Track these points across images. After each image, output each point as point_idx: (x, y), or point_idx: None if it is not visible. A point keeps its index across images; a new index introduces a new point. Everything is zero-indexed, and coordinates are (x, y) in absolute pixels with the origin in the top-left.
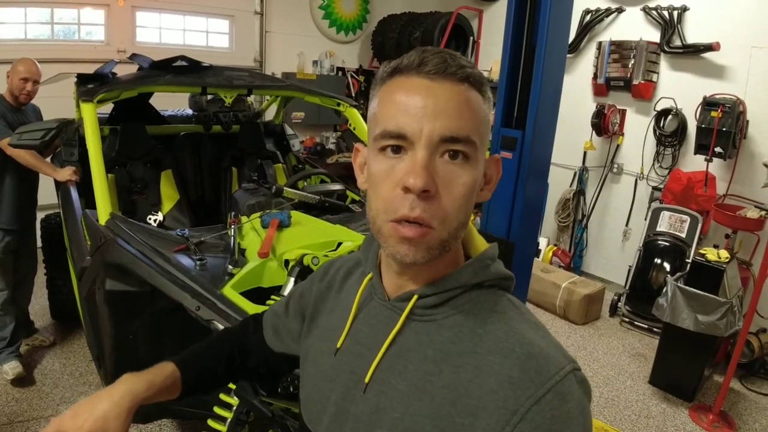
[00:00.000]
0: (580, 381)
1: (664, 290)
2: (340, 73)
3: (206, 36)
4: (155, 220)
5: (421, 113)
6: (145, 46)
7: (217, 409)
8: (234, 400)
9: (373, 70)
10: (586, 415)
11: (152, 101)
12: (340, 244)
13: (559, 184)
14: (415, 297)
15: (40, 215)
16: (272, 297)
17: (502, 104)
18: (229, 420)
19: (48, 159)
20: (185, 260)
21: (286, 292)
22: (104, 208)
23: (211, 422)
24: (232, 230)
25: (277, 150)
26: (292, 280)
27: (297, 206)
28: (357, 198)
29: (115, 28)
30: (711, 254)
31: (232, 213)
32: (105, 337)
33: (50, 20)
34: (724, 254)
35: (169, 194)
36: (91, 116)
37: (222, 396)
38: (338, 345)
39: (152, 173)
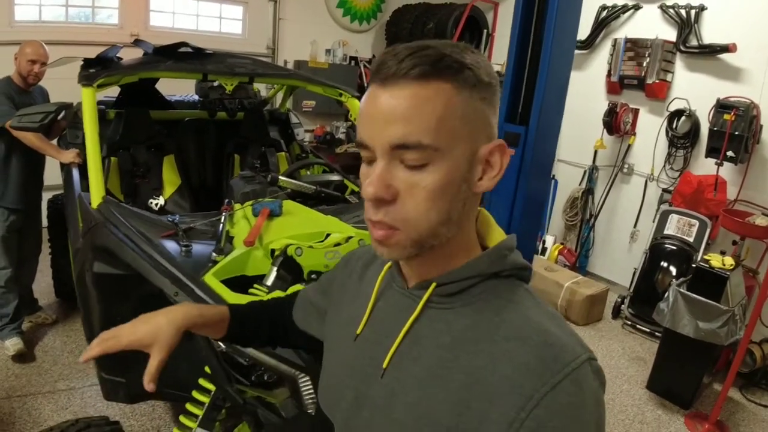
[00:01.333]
0: (596, 370)
1: (666, 295)
2: (352, 63)
3: (219, 22)
4: (156, 204)
5: (373, 123)
6: (158, 31)
7: (195, 394)
8: (213, 386)
9: None
10: (600, 404)
11: (161, 86)
12: (329, 235)
13: (568, 182)
14: (434, 285)
15: (47, 196)
16: (255, 286)
17: (507, 100)
18: (206, 404)
19: (54, 141)
20: (172, 246)
21: (269, 281)
22: (97, 191)
23: (189, 406)
24: (222, 217)
25: (282, 138)
26: (275, 269)
27: (293, 196)
28: (356, 189)
29: (128, 12)
30: (715, 260)
31: (226, 200)
32: (94, 319)
33: (65, 2)
34: (729, 261)
35: (171, 179)
36: (89, 100)
37: (201, 381)
38: (358, 332)
39: (155, 158)
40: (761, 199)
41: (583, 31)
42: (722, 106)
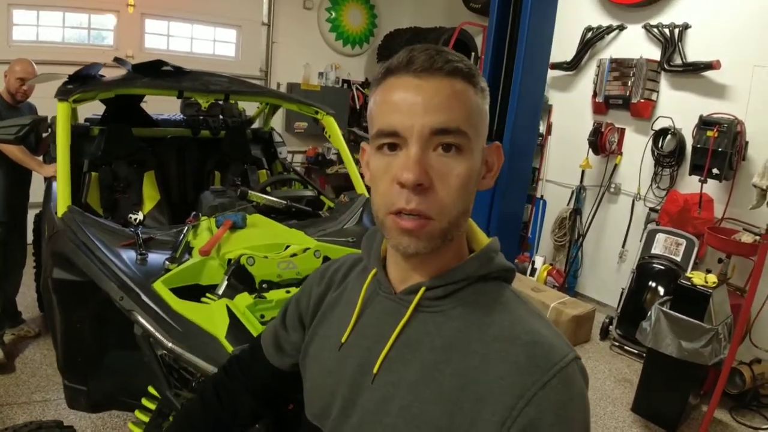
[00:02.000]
0: (581, 369)
1: (649, 314)
2: (345, 86)
3: (213, 45)
4: (135, 219)
5: (411, 110)
6: (153, 53)
7: (144, 401)
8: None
9: None
10: (586, 401)
11: (151, 106)
12: (288, 247)
13: (556, 202)
14: (423, 289)
15: (33, 212)
16: (207, 294)
17: None
18: (153, 411)
19: (41, 157)
20: (129, 254)
21: (220, 290)
22: (63, 201)
23: (138, 413)
24: (185, 229)
25: (264, 156)
26: (226, 278)
27: (265, 210)
28: (332, 205)
29: (124, 34)
30: (697, 278)
31: (193, 213)
32: (56, 324)
33: (62, 24)
34: (712, 278)
35: (150, 194)
36: (63, 114)
37: (150, 389)
38: (342, 340)
39: (136, 173)
40: (748, 216)
41: (569, 53)
42: (705, 123)
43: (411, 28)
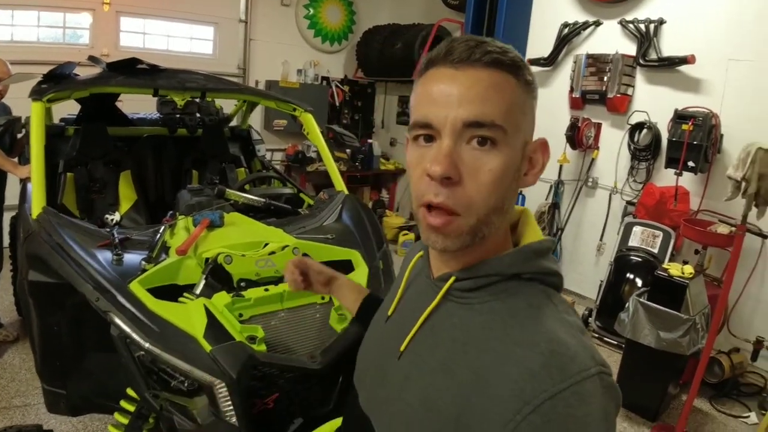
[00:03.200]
0: (607, 386)
1: (627, 305)
2: (324, 83)
3: (190, 42)
4: (112, 220)
5: (445, 101)
6: (128, 51)
7: (123, 403)
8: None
9: (358, 80)
10: (608, 421)
11: (126, 105)
12: (266, 245)
13: (534, 197)
14: (452, 279)
15: (10, 214)
16: (185, 294)
17: None
18: (132, 413)
19: (16, 158)
20: (105, 255)
21: (198, 290)
22: (38, 202)
23: (117, 416)
24: (162, 228)
25: (243, 154)
26: (204, 277)
27: (243, 209)
28: (311, 202)
29: (99, 32)
30: (674, 269)
31: (170, 212)
32: (34, 327)
33: (37, 23)
34: (688, 269)
35: (127, 194)
36: (37, 114)
37: (128, 391)
38: (389, 313)
39: (112, 173)
40: (723, 207)
41: (546, 49)
42: (680, 117)
43: (389, 25)
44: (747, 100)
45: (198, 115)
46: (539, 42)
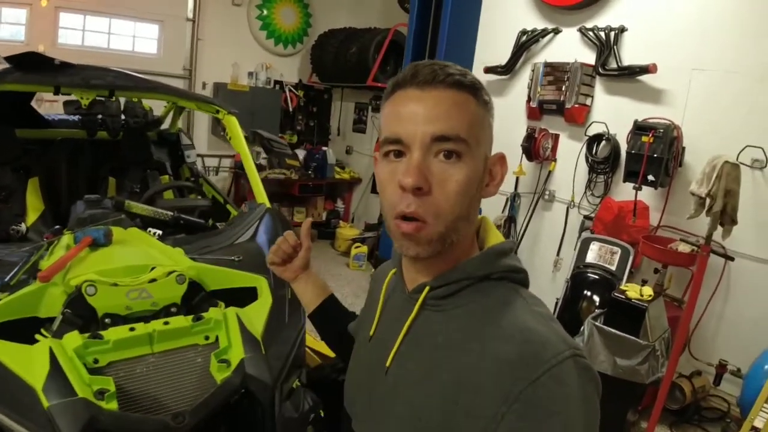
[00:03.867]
0: (582, 367)
1: (582, 328)
2: (277, 87)
3: (133, 41)
4: (18, 232)
5: (413, 119)
6: (67, 49)
7: None
8: None
9: (313, 85)
10: (589, 401)
11: (58, 105)
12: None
13: (490, 209)
14: (427, 288)
15: None
16: (42, 330)
17: None
18: None
19: None
20: None
21: (55, 326)
22: None
23: None
24: (43, 247)
25: (170, 160)
26: (62, 311)
27: (152, 223)
28: (236, 213)
29: (36, 29)
30: (632, 291)
31: (55, 227)
32: None
33: None
34: (647, 291)
35: (34, 204)
36: None
37: None
38: (371, 334)
39: (20, 180)
40: (685, 224)
41: (504, 57)
42: (640, 128)
43: (345, 29)
44: (710, 111)
45: (123, 117)
46: (497, 49)
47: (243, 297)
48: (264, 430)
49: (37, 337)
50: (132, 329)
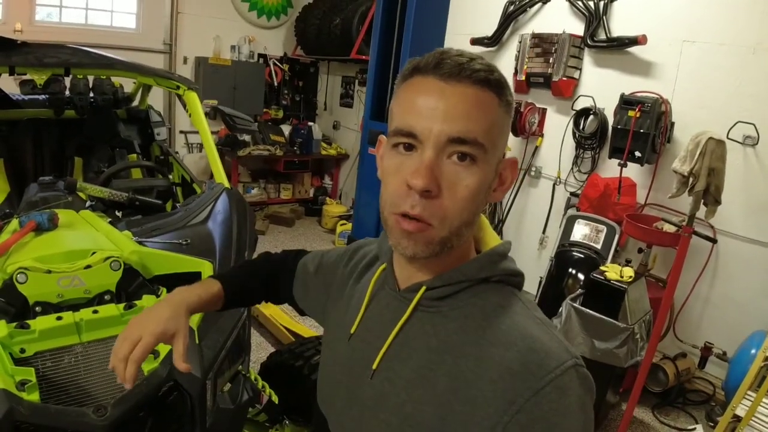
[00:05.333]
0: (582, 377)
1: (560, 309)
2: (261, 60)
3: (111, 16)
4: None
5: (431, 114)
6: (44, 26)
7: None
8: None
9: (298, 59)
10: (587, 410)
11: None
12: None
13: None
14: (423, 288)
15: None
16: None
17: (371, 96)
18: None
19: None
20: None
21: None
22: None
23: None
24: None
25: (140, 138)
26: None
27: (110, 204)
28: (200, 191)
29: (12, 6)
30: (612, 272)
31: (5, 211)
32: None
33: None
34: (628, 272)
35: (0, 186)
36: None
37: None
38: (351, 331)
39: None
40: (673, 202)
41: (491, 28)
42: (626, 102)
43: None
44: (701, 85)
45: (91, 94)
46: (483, 20)
47: (188, 282)
48: (194, 422)
49: None
50: (59, 318)
